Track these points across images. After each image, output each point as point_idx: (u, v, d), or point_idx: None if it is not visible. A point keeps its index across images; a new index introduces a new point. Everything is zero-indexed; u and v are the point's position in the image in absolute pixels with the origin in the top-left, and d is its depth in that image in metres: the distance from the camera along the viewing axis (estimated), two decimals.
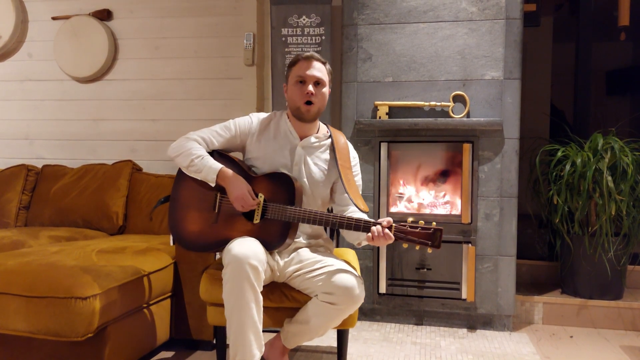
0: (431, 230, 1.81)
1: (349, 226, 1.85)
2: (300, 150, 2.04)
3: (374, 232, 1.80)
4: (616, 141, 2.84)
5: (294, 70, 2.02)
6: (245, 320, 1.77)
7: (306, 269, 1.94)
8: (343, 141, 2.12)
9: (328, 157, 2.09)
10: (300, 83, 2.00)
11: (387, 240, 1.80)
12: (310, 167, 2.04)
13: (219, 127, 2.08)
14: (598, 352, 2.58)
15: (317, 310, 1.90)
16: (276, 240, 1.91)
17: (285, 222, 1.90)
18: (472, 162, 2.81)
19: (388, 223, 1.81)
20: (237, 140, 2.09)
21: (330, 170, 2.08)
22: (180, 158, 2.00)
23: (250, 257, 1.75)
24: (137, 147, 3.50)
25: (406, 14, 2.88)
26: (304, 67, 1.99)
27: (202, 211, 2.00)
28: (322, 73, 2.01)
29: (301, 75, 1.99)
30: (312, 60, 1.99)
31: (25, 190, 3.25)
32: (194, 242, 2.00)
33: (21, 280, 1.94)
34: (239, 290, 1.75)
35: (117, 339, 2.04)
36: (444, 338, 2.72)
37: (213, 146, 2.06)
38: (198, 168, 1.97)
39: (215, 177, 1.95)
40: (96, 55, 3.47)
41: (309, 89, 1.97)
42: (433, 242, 1.80)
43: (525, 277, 3.36)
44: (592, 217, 2.92)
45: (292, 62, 2.03)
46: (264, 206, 1.93)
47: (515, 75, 2.78)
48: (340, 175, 1.99)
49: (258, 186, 1.97)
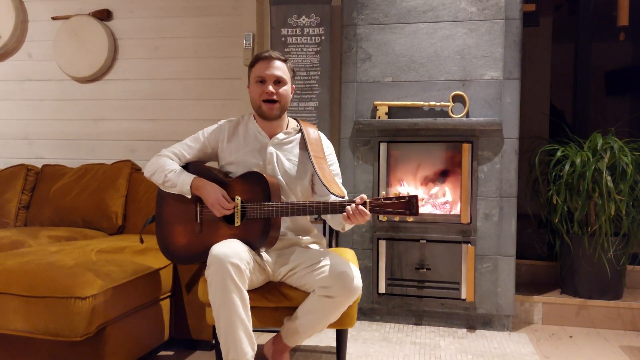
0: (406, 198, 1.79)
1: (325, 210, 1.87)
2: (271, 149, 2.06)
3: (348, 211, 1.81)
4: (615, 141, 2.84)
5: (253, 71, 2.05)
6: (232, 318, 1.78)
7: (303, 266, 1.96)
8: (315, 134, 2.14)
9: (300, 151, 2.11)
10: (260, 83, 2.03)
11: (364, 216, 1.80)
12: (284, 163, 2.06)
13: (189, 140, 2.13)
14: (597, 352, 2.58)
15: (316, 305, 1.91)
16: (259, 237, 1.93)
17: (266, 218, 1.92)
18: (472, 162, 2.81)
19: (361, 199, 1.81)
20: (209, 149, 2.13)
21: (304, 164, 2.09)
22: (155, 176, 2.04)
23: (231, 256, 1.77)
24: (136, 147, 3.50)
25: (406, 14, 2.89)
26: (263, 67, 2.02)
27: (186, 224, 2.03)
28: (282, 71, 2.03)
29: (260, 75, 2.02)
30: (271, 59, 2.02)
31: (25, 190, 3.24)
32: (183, 255, 2.05)
33: (20, 280, 1.94)
34: (222, 289, 1.77)
35: (116, 338, 2.04)
36: (444, 338, 2.72)
37: (185, 159, 2.10)
38: (172, 183, 2.00)
39: (189, 189, 1.98)
40: (96, 55, 3.47)
41: (269, 89, 1.99)
42: (410, 209, 1.79)
43: (525, 277, 3.36)
44: (591, 217, 2.92)
45: (252, 63, 2.06)
46: (243, 207, 1.95)
47: (515, 75, 2.78)
48: (313, 166, 2.01)
49: (233, 189, 1.99)
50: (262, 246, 1.94)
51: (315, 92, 3.15)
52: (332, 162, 2.14)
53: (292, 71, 2.10)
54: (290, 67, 2.08)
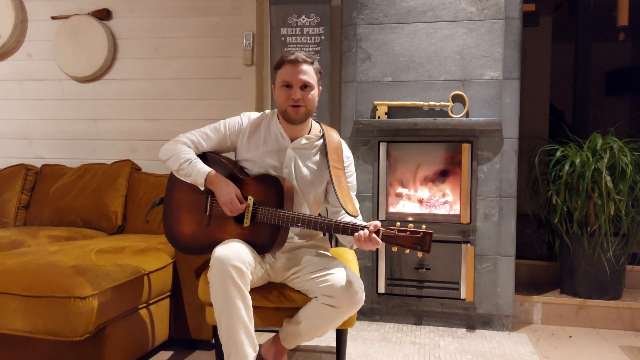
0: (420, 234, 1.76)
1: (337, 229, 1.83)
2: (290, 153, 2.02)
3: (360, 237, 1.77)
4: (615, 141, 2.85)
5: (279, 74, 1.97)
6: (234, 320, 1.77)
7: (307, 271, 1.94)
8: (337, 140, 2.08)
9: (320, 158, 2.06)
10: (286, 87, 1.95)
11: (375, 244, 1.77)
12: (301, 169, 2.02)
13: (209, 129, 2.07)
14: (597, 352, 2.58)
15: (317, 312, 1.90)
16: (266, 242, 1.91)
17: (275, 225, 1.90)
18: (471, 162, 2.81)
19: (375, 227, 1.78)
20: (228, 142, 2.07)
21: (321, 172, 2.05)
22: (170, 161, 2.00)
23: (233, 259, 1.75)
24: (136, 147, 3.50)
25: (405, 14, 2.89)
26: (290, 71, 1.94)
27: (194, 214, 2.01)
28: (309, 75, 1.95)
29: (287, 80, 1.94)
30: (298, 63, 1.93)
31: (25, 190, 3.24)
32: (187, 244, 2.02)
33: (20, 279, 1.94)
34: (224, 291, 1.76)
35: (116, 338, 2.04)
36: (443, 338, 2.72)
37: (202, 148, 2.05)
38: (187, 172, 1.96)
39: (203, 182, 1.95)
40: (95, 55, 3.47)
41: (295, 95, 1.93)
42: (422, 246, 1.75)
43: (524, 277, 3.36)
44: (591, 217, 2.92)
45: (278, 65, 1.98)
46: (254, 209, 1.93)
47: (515, 75, 2.78)
48: (331, 178, 1.96)
49: (247, 189, 1.96)
50: (268, 251, 1.92)
51: None
52: (350, 174, 2.09)
53: (319, 73, 2.01)
54: (317, 68, 2.00)
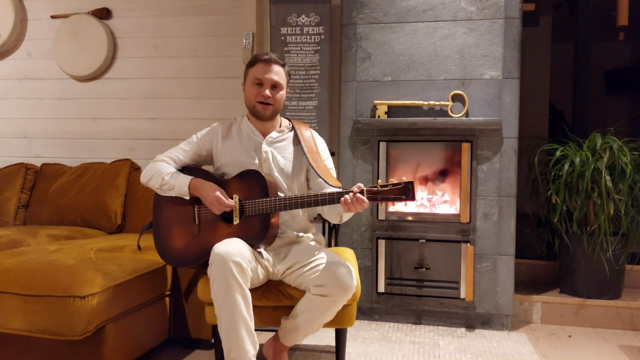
0: (402, 184, 1.83)
1: (324, 202, 1.88)
2: (265, 147, 2.09)
3: (347, 199, 1.82)
4: (615, 141, 2.85)
5: (252, 71, 2.07)
6: (235, 316, 1.78)
7: (299, 265, 1.96)
8: (308, 133, 2.17)
9: (294, 148, 2.14)
10: (257, 85, 2.05)
11: (362, 204, 1.81)
12: (279, 161, 2.09)
13: (184, 144, 2.16)
14: (596, 351, 2.58)
15: (311, 304, 1.91)
16: (259, 235, 1.93)
17: (264, 215, 1.93)
18: (471, 162, 2.81)
19: (359, 188, 1.83)
20: (203, 152, 2.14)
21: (299, 160, 2.12)
22: (153, 181, 2.05)
23: (233, 254, 1.77)
24: (135, 146, 3.50)
25: (405, 13, 2.89)
26: (262, 70, 2.04)
27: (184, 226, 2.04)
28: (280, 76, 2.06)
29: (259, 77, 2.04)
30: (271, 63, 2.04)
31: (24, 189, 3.24)
32: (182, 257, 2.04)
33: (19, 279, 1.94)
34: (225, 287, 1.77)
35: (115, 337, 2.04)
36: (443, 337, 2.72)
37: (182, 162, 2.12)
38: (170, 185, 2.01)
39: (187, 190, 1.99)
40: (95, 54, 3.47)
41: (265, 92, 2.03)
42: (407, 195, 1.82)
43: (524, 276, 3.36)
44: (590, 217, 2.92)
45: (251, 63, 2.08)
46: (241, 205, 1.96)
47: (514, 74, 2.78)
48: (308, 160, 2.05)
49: (231, 189, 2.00)
50: (261, 244, 1.94)
51: (314, 91, 3.15)
52: (325, 157, 2.17)
53: (289, 75, 2.14)
54: (287, 71, 2.11)
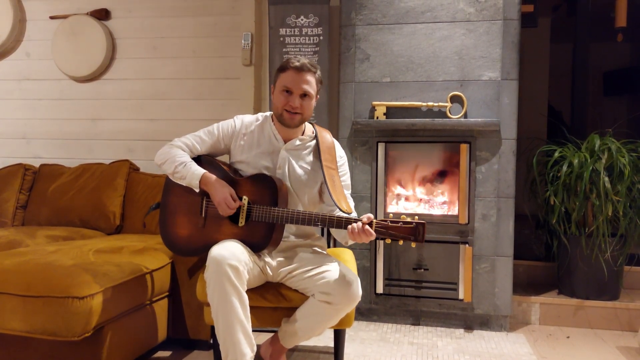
0: (413, 224, 1.77)
1: (331, 224, 1.85)
2: (283, 154, 2.04)
3: (353, 229, 1.79)
4: (613, 142, 2.85)
5: (282, 78, 1.98)
6: (231, 320, 1.78)
7: (303, 269, 1.95)
8: (329, 140, 2.10)
9: (313, 159, 2.08)
10: (286, 92, 1.97)
11: (368, 236, 1.78)
12: (295, 169, 2.04)
13: (203, 132, 2.10)
14: (595, 352, 2.58)
15: (314, 310, 1.91)
16: (262, 241, 1.92)
17: (270, 223, 1.91)
18: (470, 163, 2.81)
19: (368, 219, 1.80)
20: (221, 145, 2.10)
21: (315, 172, 2.07)
22: (166, 165, 2.02)
23: (229, 258, 1.76)
24: (134, 147, 3.50)
25: (404, 14, 2.89)
26: (292, 78, 1.95)
27: (190, 216, 2.02)
28: (311, 85, 1.97)
29: (288, 86, 1.96)
30: (302, 71, 1.95)
31: (23, 190, 3.24)
32: (184, 247, 2.04)
33: (18, 279, 1.93)
34: (221, 290, 1.77)
35: (114, 338, 2.04)
36: (441, 338, 2.72)
37: (197, 151, 2.08)
38: (182, 175, 1.98)
39: (198, 183, 1.97)
40: (94, 55, 3.47)
41: (294, 102, 1.95)
42: (416, 236, 1.76)
43: (522, 277, 3.36)
44: (589, 218, 2.93)
45: (282, 68, 1.99)
46: (249, 208, 1.94)
47: (513, 76, 2.78)
48: (324, 178, 1.98)
49: (242, 189, 1.98)
50: (264, 249, 1.93)
51: None
52: (343, 173, 2.11)
53: (320, 82, 2.03)
54: (318, 78, 2.01)
